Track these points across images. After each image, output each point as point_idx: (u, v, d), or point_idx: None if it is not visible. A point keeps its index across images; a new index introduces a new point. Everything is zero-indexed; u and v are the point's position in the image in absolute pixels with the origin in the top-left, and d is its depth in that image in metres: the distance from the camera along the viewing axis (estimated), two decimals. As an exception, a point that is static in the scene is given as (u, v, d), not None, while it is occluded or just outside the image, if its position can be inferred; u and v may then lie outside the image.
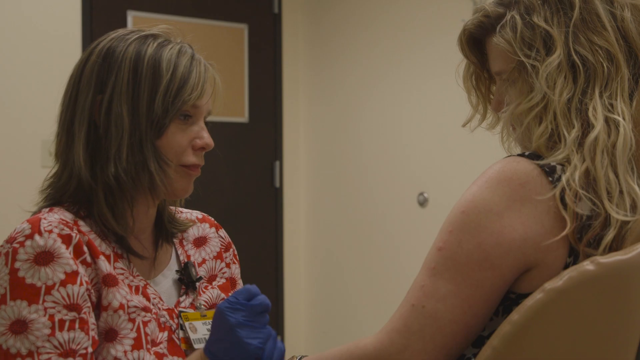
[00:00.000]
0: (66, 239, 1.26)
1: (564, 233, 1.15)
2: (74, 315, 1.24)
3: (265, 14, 4.49)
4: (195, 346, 1.39)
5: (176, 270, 1.45)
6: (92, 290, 1.28)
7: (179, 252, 1.48)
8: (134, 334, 1.30)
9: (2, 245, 1.27)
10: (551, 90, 1.22)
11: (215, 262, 1.54)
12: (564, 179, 1.17)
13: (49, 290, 1.22)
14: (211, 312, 1.43)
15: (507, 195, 1.17)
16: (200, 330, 1.43)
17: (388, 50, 4.23)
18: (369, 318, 4.31)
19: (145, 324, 1.31)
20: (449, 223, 1.20)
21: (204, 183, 1.71)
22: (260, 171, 4.47)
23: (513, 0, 1.29)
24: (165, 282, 1.43)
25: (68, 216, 1.31)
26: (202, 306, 1.45)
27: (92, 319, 1.27)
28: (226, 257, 1.57)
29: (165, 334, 1.36)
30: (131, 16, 3.95)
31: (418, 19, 4.09)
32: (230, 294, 1.50)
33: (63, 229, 1.26)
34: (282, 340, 4.57)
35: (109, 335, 1.28)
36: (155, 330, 1.34)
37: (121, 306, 1.29)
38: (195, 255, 1.51)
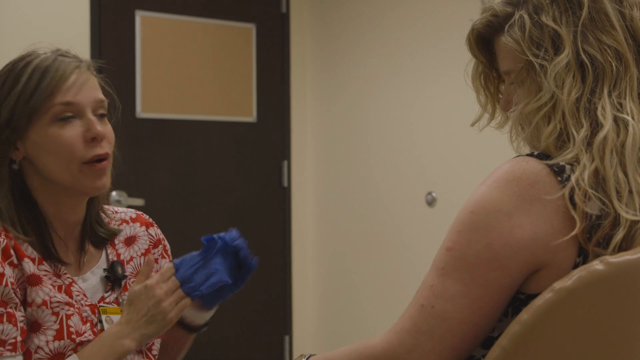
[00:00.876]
0: None
1: (573, 233, 1.15)
2: (1, 311, 1.37)
3: (273, 14, 4.49)
4: None
5: (104, 269, 1.55)
6: (18, 289, 1.40)
7: (109, 251, 1.58)
8: (56, 326, 1.42)
9: None
10: (560, 90, 1.21)
11: (142, 259, 1.62)
12: (573, 178, 1.17)
13: None
14: None
15: (516, 195, 1.17)
16: None
17: (396, 50, 4.23)
18: (377, 317, 4.30)
19: (68, 317, 1.44)
20: (458, 223, 1.20)
21: (212, 183, 1.73)
22: (268, 171, 4.47)
23: None
24: (93, 279, 1.53)
25: None
26: (125, 301, 1.52)
27: (19, 313, 1.39)
28: (154, 253, 1.65)
29: (88, 325, 1.47)
30: (139, 16, 3.96)
31: (426, 18, 4.09)
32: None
33: None
34: (290, 340, 4.58)
35: (33, 327, 1.41)
36: (79, 324, 1.45)
37: (44, 302, 1.42)
38: (125, 254, 1.60)
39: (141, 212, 1.70)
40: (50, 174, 1.45)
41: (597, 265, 1.12)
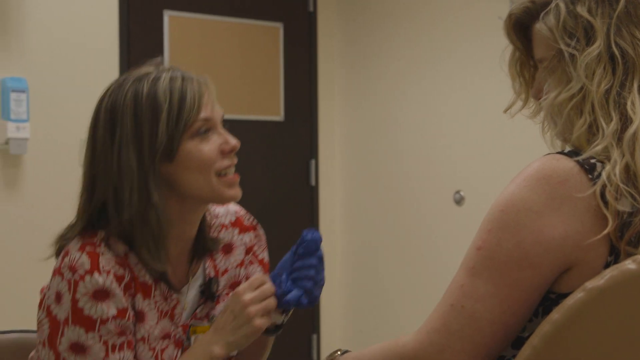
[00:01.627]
0: (120, 279, 1.42)
1: (605, 231, 1.14)
2: (123, 340, 1.42)
3: (301, 13, 4.49)
4: None
5: (199, 285, 1.56)
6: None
7: (207, 264, 1.58)
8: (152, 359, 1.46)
9: (63, 269, 1.42)
10: (589, 81, 1.21)
11: (238, 270, 1.64)
12: (604, 174, 1.16)
13: (103, 322, 1.41)
14: None
15: (546, 193, 1.16)
16: None
17: (424, 48, 4.22)
18: (405, 316, 4.29)
19: (162, 351, 1.48)
20: (488, 222, 1.19)
21: (240, 181, 1.73)
22: (295, 169, 4.47)
23: None
24: (190, 293, 1.55)
25: (120, 251, 1.45)
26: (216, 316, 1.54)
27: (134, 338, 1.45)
28: (246, 260, 1.66)
29: (180, 351, 1.51)
30: (167, 16, 3.98)
31: (454, 17, 4.07)
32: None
33: (118, 270, 1.42)
34: (318, 338, 4.58)
35: None
36: (173, 353, 1.49)
37: (142, 338, 1.46)
38: (221, 264, 1.61)
39: (242, 211, 1.70)
40: (189, 189, 1.46)
41: (629, 264, 1.11)
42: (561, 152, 1.22)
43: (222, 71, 4.14)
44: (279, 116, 4.38)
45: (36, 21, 3.59)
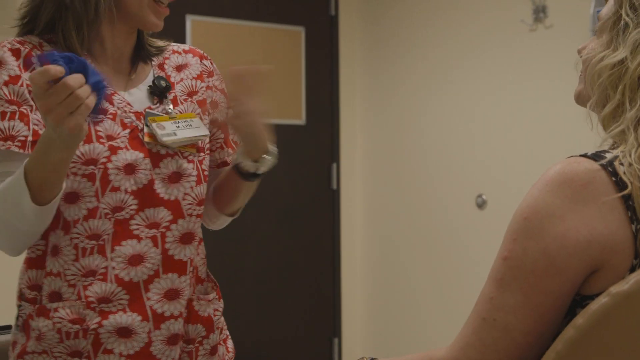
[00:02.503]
0: (16, 52, 1.50)
1: (629, 234, 1.13)
2: (14, 109, 1.46)
3: (322, 17, 4.49)
4: (163, 139, 1.55)
5: (148, 86, 1.62)
6: None
7: (156, 72, 1.65)
8: (85, 132, 1.39)
9: None
10: (632, 57, 1.20)
11: (195, 82, 1.68)
12: (627, 175, 1.15)
13: None
14: (182, 115, 1.60)
15: (568, 197, 1.15)
16: (168, 128, 1.57)
17: (446, 52, 4.21)
18: (426, 320, 4.28)
19: (95, 123, 1.50)
20: (513, 231, 1.18)
21: (261, 185, 1.74)
22: (317, 173, 4.47)
23: None
24: (138, 94, 1.60)
25: (34, 39, 1.53)
26: (173, 113, 1.60)
27: (34, 115, 1.47)
28: (208, 81, 1.71)
29: (127, 131, 1.53)
30: (190, 20, 4.00)
31: (476, 20, 4.06)
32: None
33: (14, 45, 1.51)
34: (339, 342, 4.57)
35: None
36: (114, 128, 1.52)
37: None
38: (175, 77, 1.67)
39: (196, 47, 1.77)
40: (125, 4, 1.54)
41: (654, 268, 1.10)
42: (583, 155, 1.21)
43: (244, 75, 4.14)
44: (300, 120, 4.38)
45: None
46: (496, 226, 2.80)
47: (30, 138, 1.45)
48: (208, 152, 1.65)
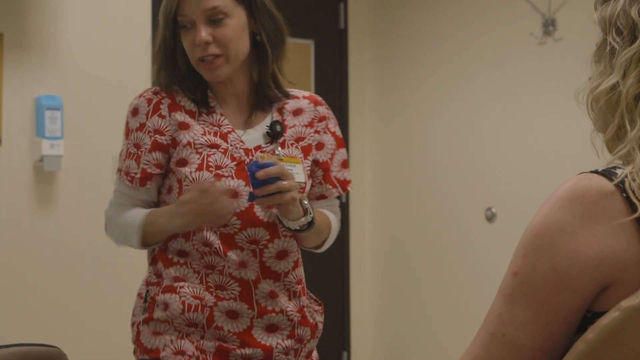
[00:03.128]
0: (149, 101, 1.87)
1: None
2: (135, 152, 1.87)
3: (331, 30, 4.51)
4: None
5: (265, 127, 1.91)
6: (167, 135, 1.85)
7: (274, 115, 1.94)
8: (198, 161, 1.83)
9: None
10: (622, 80, 1.20)
11: (305, 129, 1.95)
12: (637, 194, 1.15)
13: (130, 132, 1.88)
14: (288, 159, 1.87)
15: (580, 213, 1.15)
16: None
17: (455, 66, 4.21)
18: (435, 333, 4.27)
19: (209, 155, 1.83)
20: (523, 247, 1.18)
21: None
22: (326, 186, 4.48)
23: None
24: (254, 134, 1.90)
25: (168, 90, 1.89)
26: (281, 155, 1.88)
27: (147, 157, 1.85)
28: (317, 126, 1.97)
29: (234, 163, 1.84)
30: (200, 34, 4.01)
31: (486, 34, 4.07)
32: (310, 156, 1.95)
33: (150, 95, 1.88)
34: (348, 355, 4.57)
35: (180, 163, 1.84)
36: (223, 160, 1.84)
37: (189, 143, 1.85)
38: (289, 121, 1.94)
39: (315, 95, 2.04)
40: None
41: (665, 283, 1.10)
42: (594, 171, 1.21)
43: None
44: (309, 133, 4.39)
45: (71, 40, 3.64)
46: (505, 239, 2.80)
47: (138, 175, 1.86)
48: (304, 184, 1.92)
